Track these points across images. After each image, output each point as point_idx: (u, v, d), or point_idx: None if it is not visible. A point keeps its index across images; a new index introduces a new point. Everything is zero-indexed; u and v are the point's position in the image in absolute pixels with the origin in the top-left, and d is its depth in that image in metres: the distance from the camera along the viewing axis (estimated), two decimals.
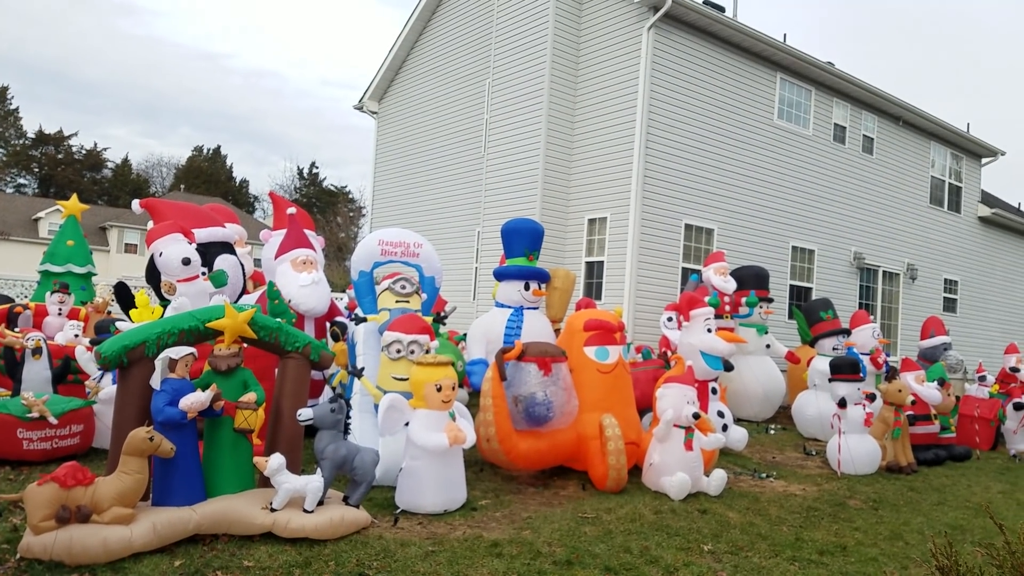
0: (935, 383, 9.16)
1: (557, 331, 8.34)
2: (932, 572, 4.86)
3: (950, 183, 17.36)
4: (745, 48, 12.75)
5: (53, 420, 5.97)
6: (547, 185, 12.32)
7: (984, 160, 18.33)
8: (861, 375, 8.13)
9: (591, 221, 12.16)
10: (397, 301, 6.82)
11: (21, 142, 54.43)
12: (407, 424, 5.46)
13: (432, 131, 16.15)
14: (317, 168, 61.35)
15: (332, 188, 57.34)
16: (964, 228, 17.82)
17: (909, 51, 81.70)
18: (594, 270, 12.05)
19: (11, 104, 54.62)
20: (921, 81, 75.22)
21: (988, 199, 18.84)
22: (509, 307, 8.07)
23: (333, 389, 7.14)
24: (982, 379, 10.73)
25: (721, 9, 12.66)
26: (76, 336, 7.81)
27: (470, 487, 5.84)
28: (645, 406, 7.40)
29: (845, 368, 8.13)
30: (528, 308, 8.08)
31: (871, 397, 8.02)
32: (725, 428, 7.91)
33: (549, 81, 12.34)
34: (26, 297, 13.55)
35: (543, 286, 8.21)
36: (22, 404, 5.94)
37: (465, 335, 8.90)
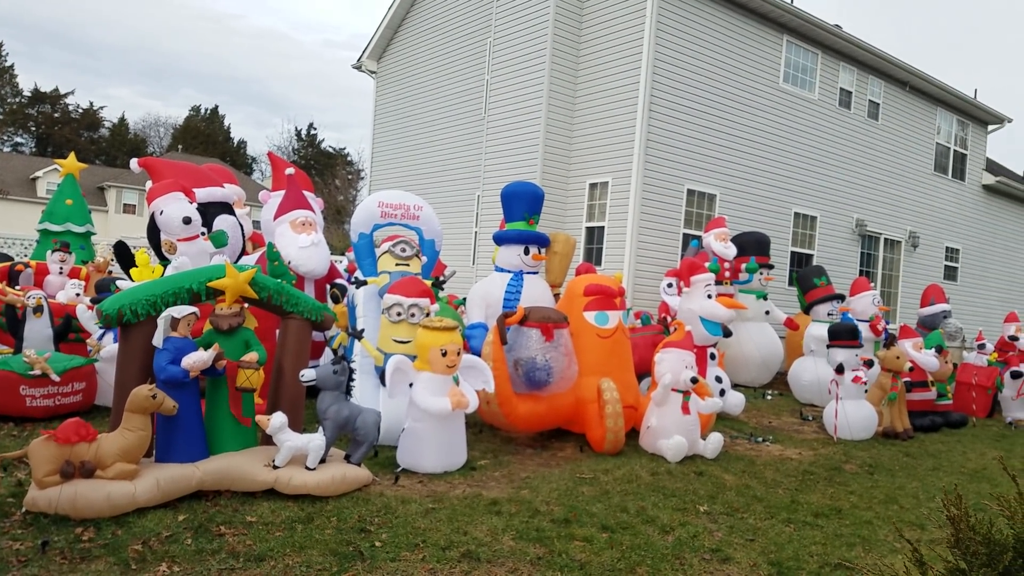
0: (933, 350, 9.20)
1: (556, 296, 8.34)
2: (925, 535, 4.95)
3: (955, 150, 17.20)
4: (751, 9, 12.50)
5: (55, 377, 6.01)
6: (548, 148, 12.20)
7: (991, 127, 18.14)
8: (859, 341, 8.16)
9: (592, 186, 12.07)
10: (397, 264, 6.80)
11: (17, 100, 53.73)
12: (411, 385, 5.49)
13: (432, 92, 15.92)
14: (315, 130, 60.62)
15: (330, 150, 56.80)
16: (968, 196, 17.71)
17: (917, 16, 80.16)
18: (594, 235, 12.01)
19: (6, 61, 53.76)
20: (928, 47, 74.02)
21: (993, 167, 18.69)
22: (509, 271, 8.05)
23: (334, 351, 7.17)
24: (981, 347, 10.78)
25: None
26: (77, 295, 7.82)
27: (469, 447, 5.90)
28: (644, 371, 7.45)
29: (843, 334, 8.15)
30: (528, 272, 8.06)
31: (868, 363, 8.06)
32: (723, 393, 7.97)
33: (552, 41, 12.12)
34: (25, 256, 13.53)
35: (543, 250, 8.18)
36: (24, 361, 5.97)
37: (464, 299, 8.91)
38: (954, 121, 17.07)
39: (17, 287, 8.03)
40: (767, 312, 10.93)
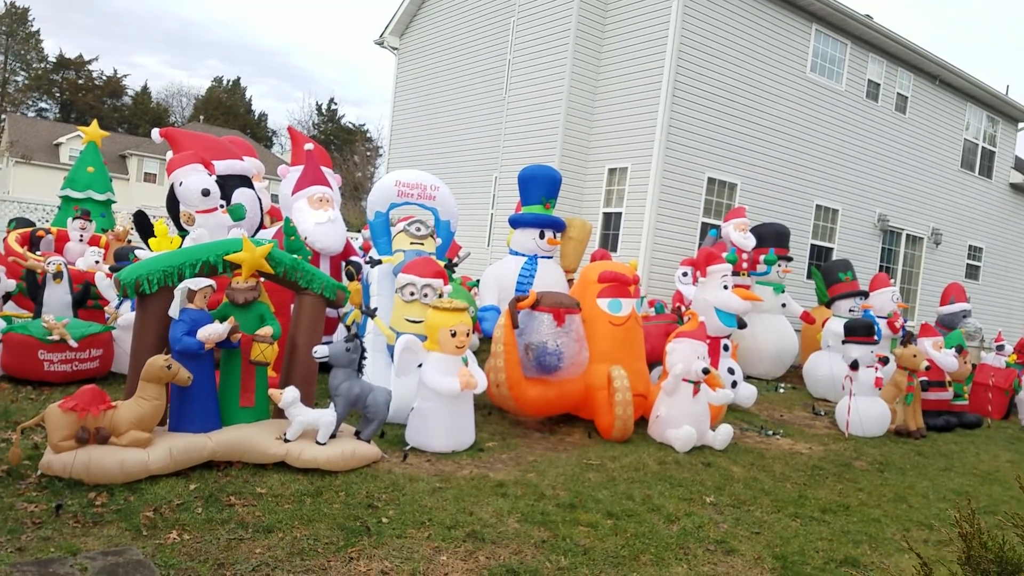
0: (953, 350, 9.09)
1: (570, 281, 8.31)
2: (933, 535, 4.92)
3: (983, 147, 16.85)
4: None
5: (73, 343, 6.09)
6: (568, 131, 12.10)
7: (1021, 125, 17.74)
8: (875, 338, 8.07)
9: (611, 171, 11.97)
10: (412, 243, 6.80)
11: (42, 66, 54.10)
12: (420, 365, 5.51)
13: (453, 70, 15.81)
14: (336, 105, 60.56)
15: (350, 126, 56.74)
16: (994, 194, 17.38)
17: (949, 9, 78.28)
18: (611, 221, 11.93)
19: (32, 26, 54.06)
20: (960, 41, 72.34)
21: (1021, 165, 18.31)
22: (523, 255, 8.02)
23: (348, 328, 7.21)
24: (1000, 348, 10.63)
25: None
26: (97, 262, 7.90)
27: (478, 429, 5.93)
28: (655, 360, 7.42)
29: (859, 330, 8.07)
30: (542, 257, 8.03)
31: (884, 360, 7.98)
32: (735, 385, 7.93)
33: (576, 23, 11.97)
34: (47, 221, 13.68)
35: (558, 235, 8.14)
36: (43, 327, 6.05)
37: (478, 281, 8.90)
38: (983, 117, 16.71)
39: (38, 252, 8.12)
40: (783, 305, 10.84)
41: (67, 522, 3.62)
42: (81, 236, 8.86)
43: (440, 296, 6.06)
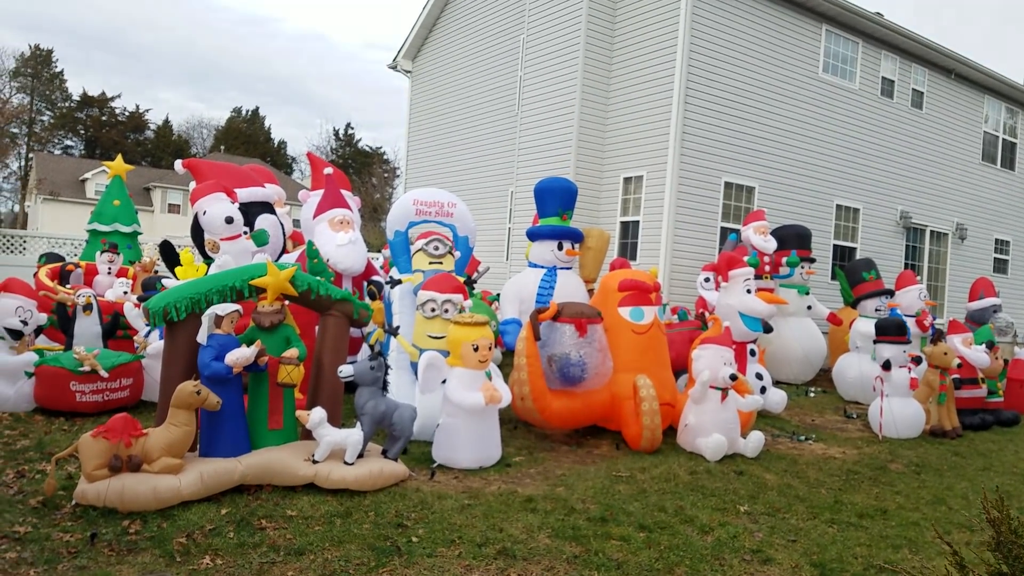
0: (983, 346, 8.90)
1: (590, 291, 8.29)
2: (975, 537, 4.79)
3: (1004, 139, 16.58)
4: None
5: (104, 373, 6.19)
6: (582, 143, 12.12)
7: None
8: (907, 337, 7.93)
9: (627, 179, 11.96)
10: (431, 262, 6.84)
11: (67, 104, 55.53)
12: (444, 381, 5.52)
13: (465, 89, 15.96)
14: (352, 129, 61.36)
15: (367, 149, 57.45)
16: (1018, 186, 17.06)
17: (964, 3, 77.38)
18: (629, 230, 11.90)
19: (56, 67, 55.56)
20: (975, 34, 71.44)
21: None
22: (542, 267, 8.03)
23: (371, 347, 7.25)
24: None
25: None
26: (125, 293, 8.04)
27: (504, 444, 5.91)
28: (681, 367, 7.36)
29: (891, 330, 7.93)
30: (561, 268, 8.03)
31: (916, 360, 7.83)
32: (764, 390, 7.83)
33: (585, 35, 12.04)
34: (75, 255, 13.97)
35: (576, 246, 8.14)
36: (74, 358, 6.16)
37: (498, 295, 8.91)
38: (1002, 109, 16.46)
39: (68, 286, 8.29)
40: (809, 307, 10.70)
41: (102, 551, 3.66)
42: (109, 269, 9.04)
43: (461, 311, 6.08)
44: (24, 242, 17.00)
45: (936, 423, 7.92)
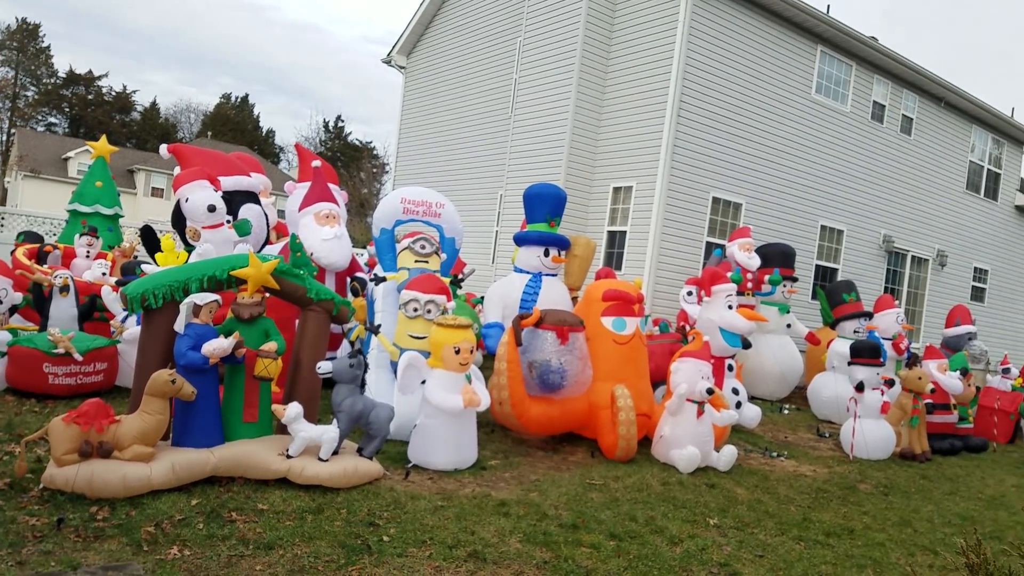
0: (957, 373, 9.04)
1: (575, 299, 8.31)
2: (938, 560, 4.86)
3: (989, 169, 16.88)
4: (786, 18, 12.36)
5: (78, 356, 6.11)
6: (573, 150, 12.16)
7: None
8: (881, 360, 8.03)
9: (616, 190, 12.01)
10: (416, 261, 6.83)
11: (52, 81, 54.74)
12: (423, 382, 5.51)
13: (459, 89, 15.95)
14: (343, 122, 61.11)
15: (357, 143, 57.15)
16: (999, 216, 17.37)
17: (956, 32, 78.75)
18: (616, 240, 11.95)
19: (43, 42, 54.77)
20: (966, 63, 72.69)
21: None
22: (528, 272, 8.04)
23: (352, 344, 7.22)
24: (1006, 371, 10.56)
25: None
26: (103, 275, 7.94)
27: (480, 447, 5.91)
28: (659, 379, 7.40)
29: (865, 352, 8.04)
30: (547, 274, 8.04)
31: (889, 383, 7.94)
32: (739, 405, 7.89)
33: (582, 43, 12.09)
34: (54, 234, 13.78)
35: (563, 253, 8.16)
36: (48, 340, 6.08)
37: (482, 298, 8.91)
38: (989, 139, 16.75)
39: (45, 266, 8.17)
40: (788, 325, 10.81)
41: (68, 536, 3.61)
42: (88, 252, 8.91)
43: (444, 312, 6.07)
44: (2, 219, 16.72)
45: (907, 446, 8.04)
